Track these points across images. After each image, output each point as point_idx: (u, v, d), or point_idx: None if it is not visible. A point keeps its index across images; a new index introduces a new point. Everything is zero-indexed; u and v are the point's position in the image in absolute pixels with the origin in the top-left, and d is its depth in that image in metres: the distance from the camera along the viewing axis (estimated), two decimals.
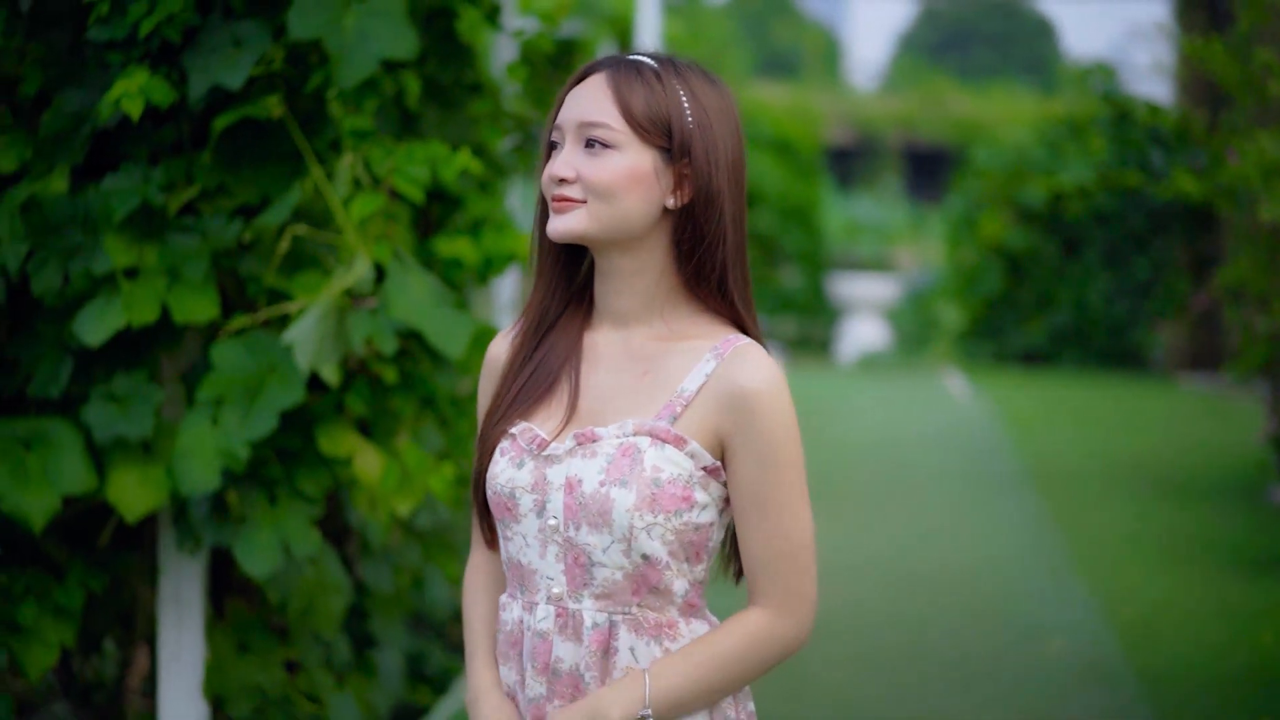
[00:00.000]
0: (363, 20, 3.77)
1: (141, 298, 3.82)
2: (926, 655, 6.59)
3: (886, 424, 14.00)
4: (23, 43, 4.00)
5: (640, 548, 2.28)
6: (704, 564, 2.36)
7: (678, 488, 2.27)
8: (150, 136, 3.92)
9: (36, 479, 3.85)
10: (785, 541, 2.31)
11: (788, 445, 2.30)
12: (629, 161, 2.30)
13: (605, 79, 2.33)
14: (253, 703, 4.26)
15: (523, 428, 2.37)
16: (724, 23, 29.95)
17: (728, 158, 2.35)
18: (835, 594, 7.80)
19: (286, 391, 3.79)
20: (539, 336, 2.43)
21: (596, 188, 2.30)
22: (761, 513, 2.30)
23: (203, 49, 3.82)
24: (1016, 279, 18.37)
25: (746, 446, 2.29)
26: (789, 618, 2.32)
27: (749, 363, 2.31)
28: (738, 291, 2.36)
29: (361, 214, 3.78)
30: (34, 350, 3.94)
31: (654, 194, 2.32)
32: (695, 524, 2.30)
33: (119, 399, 3.87)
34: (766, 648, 2.31)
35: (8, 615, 3.93)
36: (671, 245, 2.34)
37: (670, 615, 2.33)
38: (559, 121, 2.35)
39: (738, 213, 2.37)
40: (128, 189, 3.82)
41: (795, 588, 2.32)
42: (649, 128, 2.31)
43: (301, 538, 3.94)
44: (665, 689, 2.27)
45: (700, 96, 2.34)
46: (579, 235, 2.32)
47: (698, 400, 2.29)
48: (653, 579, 2.31)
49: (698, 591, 2.37)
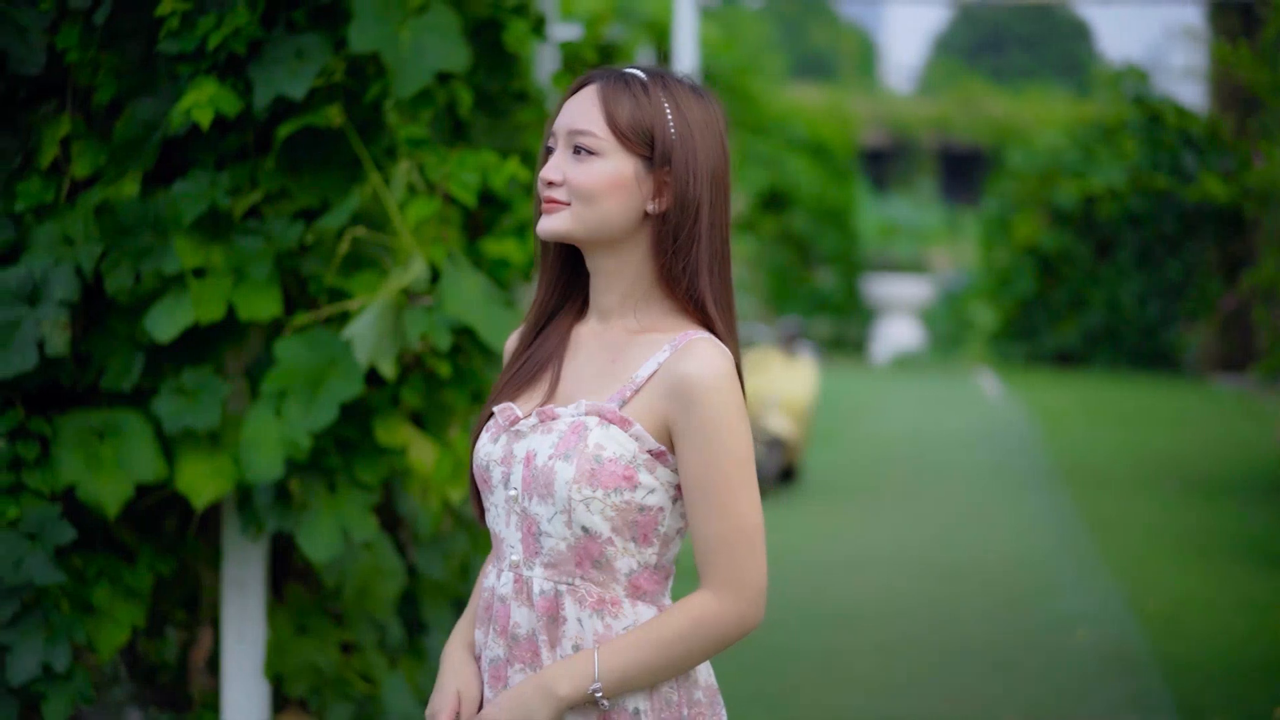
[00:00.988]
0: (419, 34, 3.98)
1: (209, 296, 4.03)
2: (956, 643, 6.79)
3: (920, 422, 14.17)
4: (97, 54, 4.21)
5: (580, 519, 2.39)
6: (654, 548, 2.43)
7: (619, 466, 2.38)
8: (217, 143, 4.13)
9: (110, 468, 4.06)
10: (726, 526, 2.37)
11: (728, 433, 2.37)
12: (611, 168, 2.44)
13: (595, 90, 2.48)
14: (310, 682, 4.47)
15: (504, 407, 2.53)
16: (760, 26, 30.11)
17: (708, 168, 2.47)
18: (868, 584, 8.00)
19: (346, 385, 4.00)
20: (538, 329, 2.60)
21: (580, 191, 2.44)
22: (703, 496, 2.38)
23: (267, 61, 4.03)
24: (1050, 280, 18.51)
25: (688, 432, 2.38)
26: (734, 602, 2.38)
27: (695, 353, 2.40)
28: (711, 294, 2.47)
29: (417, 217, 4.00)
30: (107, 346, 4.15)
31: (635, 199, 2.45)
32: (640, 505, 2.40)
33: (187, 392, 4.08)
34: (712, 630, 2.38)
35: (82, 596, 4.14)
36: (651, 247, 2.48)
37: (614, 592, 2.43)
38: (554, 128, 2.51)
39: (716, 219, 2.48)
40: (196, 193, 4.04)
41: (739, 573, 2.38)
42: (632, 137, 2.44)
43: (360, 524, 4.15)
44: (614, 667, 2.37)
45: (685, 109, 2.46)
46: (563, 235, 2.47)
47: (647, 387, 2.42)
48: (594, 552, 2.41)
49: (649, 575, 2.45)
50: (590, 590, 2.43)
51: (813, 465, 11.80)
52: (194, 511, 4.39)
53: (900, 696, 6.08)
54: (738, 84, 18.29)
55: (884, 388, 16.73)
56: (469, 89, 4.51)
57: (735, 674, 6.44)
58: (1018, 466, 11.72)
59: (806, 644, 6.92)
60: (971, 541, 9.10)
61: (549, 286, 2.60)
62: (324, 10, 4.09)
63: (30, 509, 3.98)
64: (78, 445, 4.07)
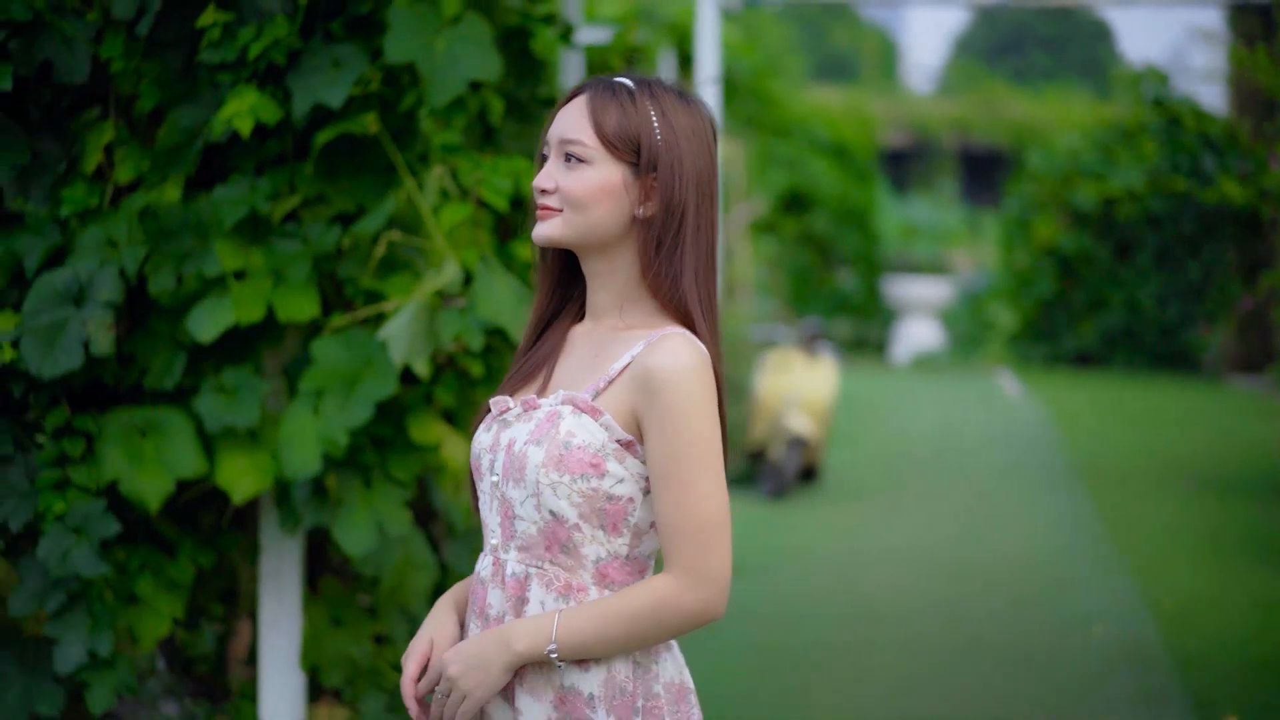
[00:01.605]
0: (452, 45, 4.12)
1: (249, 298, 4.17)
2: (975, 638, 6.91)
3: (941, 422, 14.29)
4: (140, 64, 4.35)
5: (547, 504, 2.46)
6: (624, 538, 2.48)
7: (587, 454, 2.45)
8: (257, 150, 4.27)
9: (152, 464, 4.20)
10: (687, 516, 2.42)
11: (691, 423, 2.43)
12: (600, 175, 2.52)
13: (585, 100, 2.56)
14: (345, 673, 4.60)
15: (498, 400, 2.64)
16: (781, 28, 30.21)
17: (694, 173, 2.55)
18: (888, 580, 8.13)
19: (381, 384, 4.14)
20: (540, 330, 2.69)
21: (570, 199, 2.53)
22: (666, 485, 2.43)
23: (305, 70, 4.17)
24: (1069, 281, 18.60)
25: (652, 422, 2.44)
26: (694, 590, 2.42)
27: (663, 347, 2.46)
28: (693, 293, 2.54)
29: (450, 222, 4.14)
30: (150, 346, 4.29)
31: (623, 204, 2.53)
32: (608, 493, 2.46)
33: (227, 390, 4.22)
34: (670, 613, 2.43)
35: (125, 588, 4.28)
36: (639, 249, 2.56)
37: (581, 579, 2.49)
38: (547, 137, 2.60)
39: (702, 222, 2.56)
40: (236, 198, 4.17)
41: (700, 562, 2.42)
42: (619, 144, 2.52)
43: (394, 518, 4.29)
44: (571, 631, 2.42)
45: (671, 116, 2.54)
46: (556, 240, 2.56)
47: (619, 380, 2.50)
48: (561, 536, 2.47)
49: (620, 566, 2.50)
50: (558, 575, 2.49)
51: (834, 464, 11.92)
52: (232, 506, 4.53)
53: (920, 690, 6.20)
54: (759, 86, 18.39)
55: (904, 388, 16.84)
56: (500, 97, 4.64)
57: (756, 667, 6.57)
58: (1036, 466, 11.83)
59: (828, 638, 7.05)
60: (990, 539, 9.22)
61: (548, 289, 2.68)
62: (360, 21, 4.23)
63: (76, 504, 4.12)
64: (121, 442, 4.21)
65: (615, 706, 2.47)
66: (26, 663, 4.30)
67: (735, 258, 14.84)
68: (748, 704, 6.07)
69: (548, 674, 2.48)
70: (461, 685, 2.46)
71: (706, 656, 6.67)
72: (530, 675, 2.49)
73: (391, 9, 4.14)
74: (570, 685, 2.47)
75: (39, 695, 4.27)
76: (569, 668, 2.47)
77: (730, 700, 6.08)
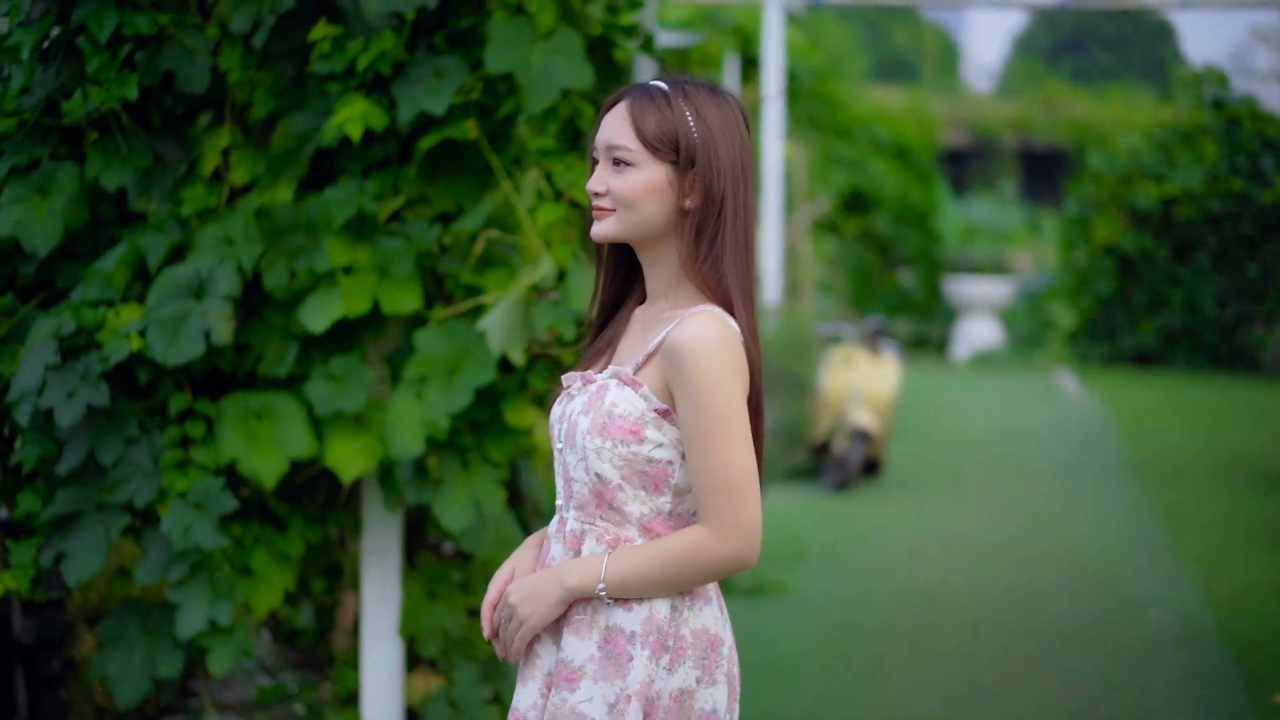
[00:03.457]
0: (547, 56, 4.43)
1: (356, 292, 4.49)
2: (1034, 622, 7.18)
3: (1001, 419, 14.49)
4: (255, 74, 4.67)
5: (594, 466, 2.72)
6: (665, 496, 2.72)
7: (628, 422, 2.70)
8: (363, 154, 4.58)
9: (267, 445, 4.52)
10: (716, 476, 2.64)
11: (714, 392, 2.65)
12: (645, 176, 2.77)
13: (625, 106, 2.81)
14: (440, 644, 4.91)
15: (569, 376, 2.93)
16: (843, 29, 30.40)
17: (730, 163, 2.79)
18: (952, 567, 8.40)
19: (479, 371, 4.45)
20: (606, 315, 2.97)
21: (621, 199, 2.79)
22: (694, 449, 2.66)
23: (410, 80, 4.48)
24: (1128, 281, 18.75)
25: (680, 392, 2.67)
26: (726, 542, 2.65)
27: (689, 323, 2.70)
28: (732, 275, 2.75)
29: (545, 221, 4.45)
30: (264, 336, 4.61)
31: (669, 199, 2.79)
32: (647, 457, 2.71)
33: (336, 377, 4.53)
34: (705, 561, 2.66)
35: (241, 561, 4.59)
36: (683, 237, 2.82)
37: (628, 533, 2.73)
38: (595, 143, 2.86)
39: (738, 209, 2.80)
40: (345, 199, 4.49)
41: (729, 517, 2.65)
42: (660, 146, 2.77)
43: (490, 497, 4.60)
44: (618, 571, 2.68)
45: (704, 113, 2.78)
46: (611, 237, 2.83)
47: (656, 355, 2.76)
48: (607, 496, 2.73)
49: (663, 521, 2.74)
50: (607, 529, 2.75)
51: (897, 458, 12.17)
52: (340, 486, 4.85)
53: (983, 668, 6.47)
54: (821, 88, 18.63)
55: (965, 386, 17.06)
56: (590, 103, 4.94)
57: (826, 646, 6.85)
58: (1095, 461, 12.05)
59: (894, 621, 7.32)
60: (1050, 530, 9.47)
61: (608, 279, 2.95)
62: (461, 34, 4.55)
63: (197, 482, 4.44)
64: (239, 425, 4.53)
65: (651, 643, 2.71)
66: (149, 628, 4.63)
67: (798, 257, 15.09)
68: (820, 680, 6.35)
69: (593, 616, 2.73)
70: (520, 613, 2.75)
71: (780, 636, 6.97)
72: (576, 617, 2.74)
73: (491, 23, 4.45)
74: (615, 624, 2.72)
75: (160, 658, 4.59)
76: (614, 608, 2.72)
77: (803, 676, 6.36)
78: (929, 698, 6.08)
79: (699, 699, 2.72)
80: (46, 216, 4.57)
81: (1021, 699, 6.06)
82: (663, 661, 2.71)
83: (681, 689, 2.71)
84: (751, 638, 6.95)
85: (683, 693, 2.71)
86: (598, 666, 2.70)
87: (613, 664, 2.70)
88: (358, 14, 4.55)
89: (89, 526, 4.51)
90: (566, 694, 2.71)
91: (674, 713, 2.70)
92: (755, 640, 6.90)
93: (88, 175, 4.61)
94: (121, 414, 4.48)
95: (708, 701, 2.72)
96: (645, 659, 2.69)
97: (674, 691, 2.70)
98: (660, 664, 2.71)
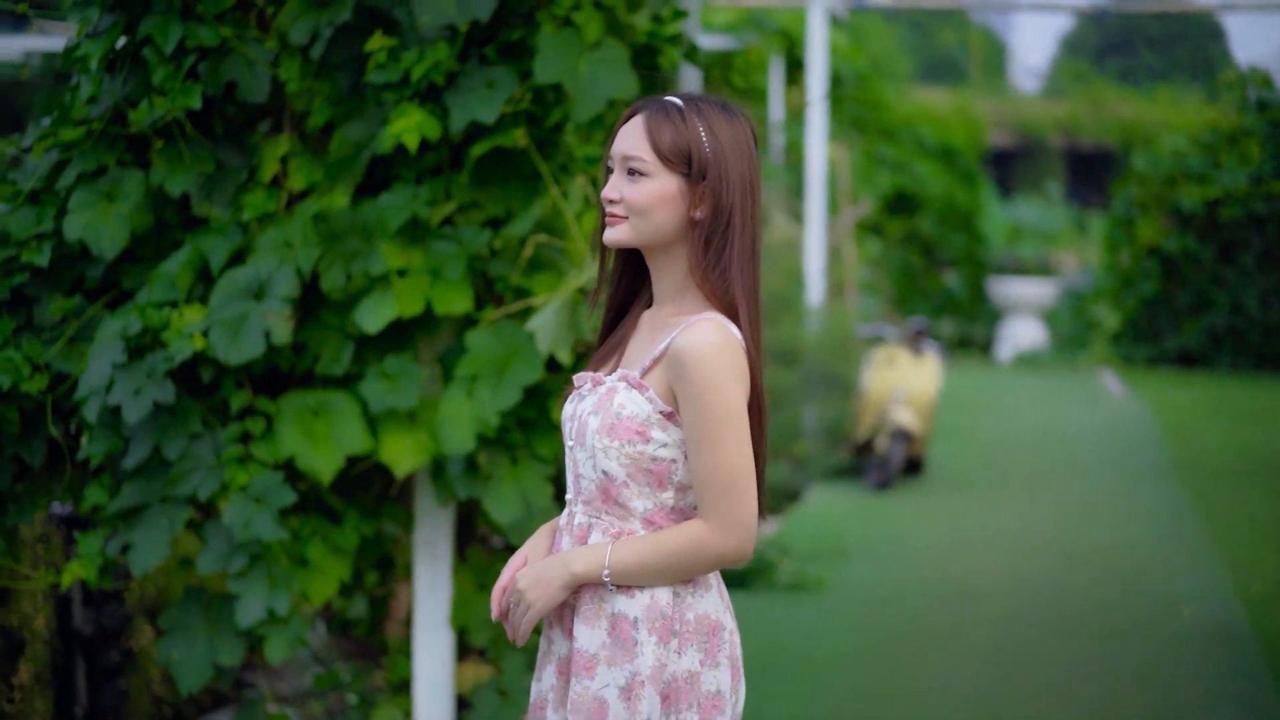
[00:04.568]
0: (594, 67, 4.60)
1: (410, 293, 4.66)
2: (1070, 618, 7.31)
3: (1044, 419, 14.58)
4: (313, 84, 4.85)
5: (601, 464, 2.86)
6: (669, 492, 2.87)
7: (634, 423, 2.84)
8: (417, 161, 4.76)
9: (324, 441, 4.70)
10: (715, 474, 2.79)
11: (714, 396, 2.79)
12: (658, 186, 2.91)
13: (642, 120, 2.94)
14: (490, 633, 5.07)
15: (579, 376, 3.07)
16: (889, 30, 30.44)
17: (739, 177, 2.93)
18: (990, 564, 8.53)
19: (528, 370, 4.62)
20: (615, 317, 3.11)
21: (634, 207, 2.93)
22: (696, 449, 2.81)
23: (462, 90, 4.66)
24: (1172, 282, 18.80)
25: (683, 395, 2.81)
26: (723, 536, 2.80)
27: (692, 331, 2.83)
28: (739, 284, 2.88)
29: (591, 226, 4.62)
30: (321, 336, 4.79)
31: (680, 209, 2.92)
32: (652, 456, 2.85)
33: (390, 376, 4.71)
34: (703, 553, 2.81)
35: (298, 553, 4.77)
36: (691, 246, 2.95)
37: (632, 526, 2.87)
38: (611, 153, 3.00)
39: (746, 220, 2.94)
40: (399, 204, 4.67)
41: (727, 513, 2.80)
42: (673, 158, 2.90)
43: (538, 492, 4.76)
44: (622, 558, 2.82)
45: (716, 129, 2.92)
46: (624, 243, 2.97)
47: (662, 360, 2.90)
48: (613, 493, 2.87)
49: (665, 515, 2.88)
50: (613, 523, 2.89)
51: (940, 458, 12.29)
52: (393, 481, 5.02)
53: (1016, 663, 6.60)
54: (866, 90, 18.73)
55: (1008, 386, 17.15)
56: None
57: (862, 640, 7.00)
58: (1137, 461, 12.14)
59: (930, 616, 7.46)
60: (1088, 528, 9.59)
61: (617, 283, 3.09)
62: (511, 46, 4.72)
63: (257, 476, 4.61)
64: (297, 422, 4.70)
65: (656, 628, 2.85)
66: (211, 617, 4.80)
67: (841, 258, 15.21)
68: (855, 672, 6.49)
69: (599, 604, 2.88)
70: (527, 597, 2.89)
71: (817, 630, 7.12)
72: (585, 606, 2.89)
73: (540, 35, 4.62)
74: (619, 611, 2.86)
75: (222, 647, 4.77)
76: (617, 594, 2.86)
77: (839, 669, 6.51)
78: (962, 691, 6.22)
79: (704, 681, 2.86)
80: (114, 221, 4.76)
81: (1054, 694, 6.20)
82: (671, 646, 2.85)
83: (690, 671, 2.85)
84: (790, 632, 7.10)
85: (691, 674, 2.85)
86: (609, 653, 2.85)
87: (621, 649, 2.84)
88: (412, 26, 4.73)
89: (154, 519, 4.68)
90: (588, 682, 2.85)
91: (687, 693, 2.84)
92: (793, 634, 7.05)
93: (153, 181, 4.80)
94: (185, 411, 4.66)
95: (712, 683, 2.86)
96: (653, 644, 2.84)
97: (684, 674, 2.85)
98: (670, 648, 2.85)
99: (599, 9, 4.76)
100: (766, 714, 5.91)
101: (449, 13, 4.58)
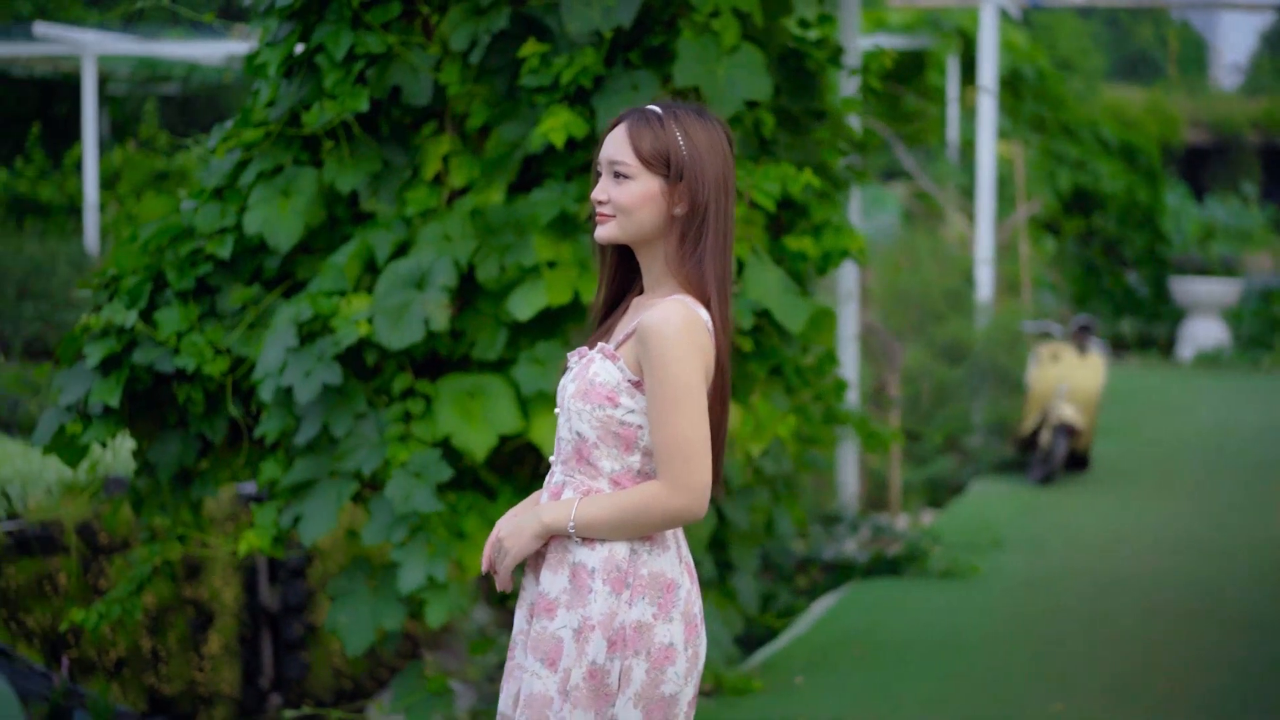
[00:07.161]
0: (731, 70, 4.88)
1: (559, 284, 4.97)
2: (1215, 611, 7.43)
3: (1218, 418, 14.51)
4: (472, 87, 5.19)
5: (575, 426, 3.12)
6: (636, 456, 3.09)
7: (606, 389, 3.09)
8: (566, 159, 5.07)
9: (478, 421, 5.02)
10: (670, 439, 3.01)
11: (673, 367, 3.01)
12: (641, 187, 3.16)
13: (625, 127, 3.20)
14: None
15: (574, 353, 3.33)
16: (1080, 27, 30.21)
17: (713, 177, 3.18)
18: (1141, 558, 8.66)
19: None
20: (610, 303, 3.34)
21: (620, 207, 3.19)
22: (654, 415, 3.03)
23: (608, 92, 4.97)
24: None
25: (646, 366, 3.04)
26: (675, 495, 3.02)
27: (656, 309, 3.06)
28: (711, 273, 3.13)
29: None
30: (477, 323, 5.12)
31: (661, 207, 3.17)
32: (620, 420, 3.09)
33: (540, 361, 5.02)
34: (658, 510, 3.03)
35: (455, 525, 5.09)
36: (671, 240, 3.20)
37: (599, 485, 3.10)
38: (599, 158, 3.26)
39: (719, 216, 3.18)
40: (550, 200, 4.98)
41: (680, 475, 3.02)
42: (653, 161, 3.16)
43: None
44: (585, 514, 3.05)
45: (692, 134, 3.17)
46: (612, 239, 3.23)
47: (633, 334, 3.15)
48: (585, 453, 3.12)
49: (631, 477, 3.11)
50: (583, 482, 3.13)
51: (1104, 454, 12.35)
52: (542, 459, 5.34)
53: (1157, 650, 6.75)
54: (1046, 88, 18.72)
55: (1185, 385, 17.06)
56: (771, 113, 5.37)
57: (1007, 625, 7.18)
58: None
59: (1079, 604, 7.62)
60: (1248, 526, 9.63)
61: (610, 274, 3.35)
62: (654, 51, 5.02)
63: (417, 453, 4.94)
64: (454, 403, 5.03)
65: (610, 579, 3.09)
66: (375, 585, 5.15)
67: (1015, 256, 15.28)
68: (998, 655, 6.69)
69: (562, 554, 3.13)
70: (504, 545, 3.18)
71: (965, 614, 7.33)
72: (551, 554, 3.14)
73: (680, 41, 4.91)
74: (579, 561, 3.11)
75: (384, 612, 5.11)
76: (579, 546, 3.11)
77: (982, 651, 6.71)
78: (1100, 673, 6.38)
79: (657, 633, 3.09)
80: (289, 216, 5.13)
81: (1191, 680, 6.33)
82: (623, 596, 3.09)
83: (640, 622, 3.09)
84: (938, 615, 7.31)
85: (640, 625, 3.09)
86: (568, 597, 3.11)
87: (577, 595, 3.10)
88: (562, 32, 5.05)
89: (322, 492, 5.04)
90: (547, 622, 3.13)
91: (635, 642, 3.09)
92: (940, 616, 7.26)
93: (325, 179, 5.16)
94: (351, 392, 5.01)
95: (665, 636, 3.10)
96: (606, 593, 3.09)
97: (633, 623, 3.09)
98: (621, 599, 3.09)
99: (737, 15, 5.04)
100: (908, 691, 6.13)
101: (595, 20, 4.89)
